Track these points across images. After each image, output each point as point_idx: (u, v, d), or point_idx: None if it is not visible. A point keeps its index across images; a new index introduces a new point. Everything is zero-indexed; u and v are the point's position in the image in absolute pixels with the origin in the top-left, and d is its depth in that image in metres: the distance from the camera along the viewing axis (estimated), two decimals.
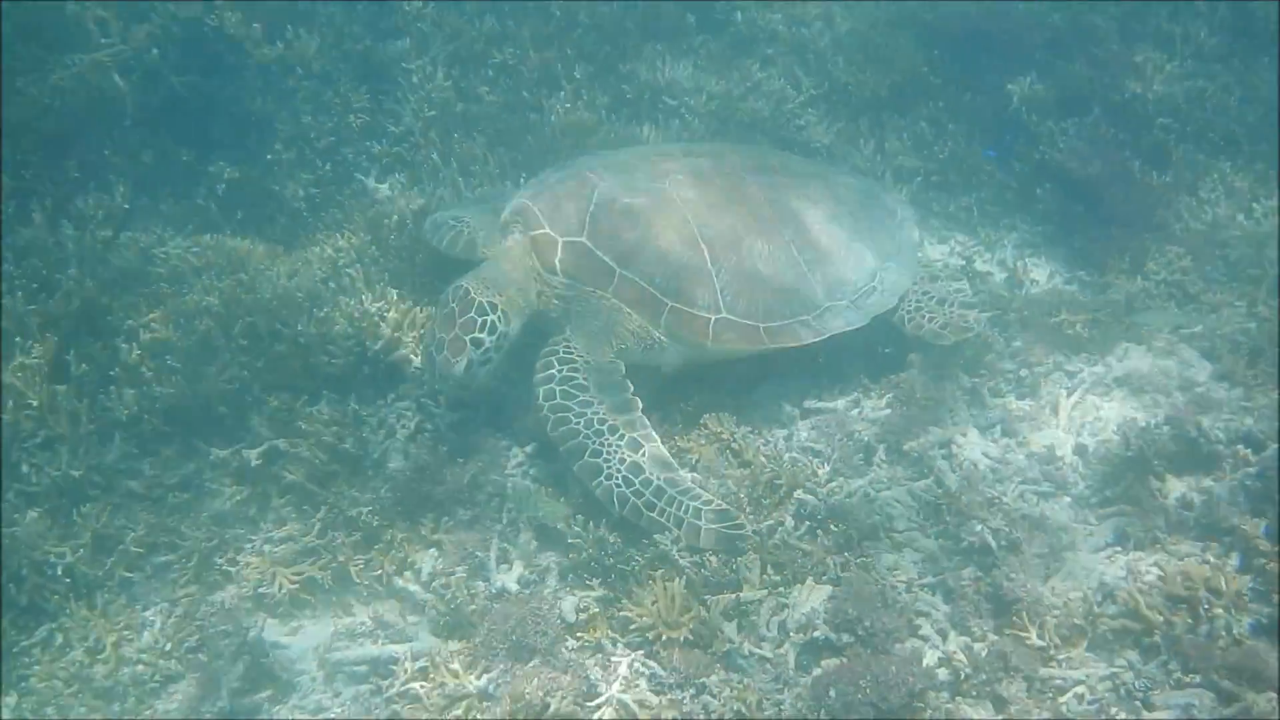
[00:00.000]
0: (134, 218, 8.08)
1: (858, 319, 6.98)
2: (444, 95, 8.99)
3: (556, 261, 6.63)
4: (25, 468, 6.56)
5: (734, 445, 6.64)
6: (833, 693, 5.02)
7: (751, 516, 6.16)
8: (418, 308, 7.24)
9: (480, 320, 6.37)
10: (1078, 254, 8.59)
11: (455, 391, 6.72)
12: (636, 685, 5.37)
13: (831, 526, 6.04)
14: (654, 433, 6.29)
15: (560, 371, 6.38)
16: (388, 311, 7.11)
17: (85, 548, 6.26)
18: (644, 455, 6.13)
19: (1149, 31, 9.71)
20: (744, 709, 5.16)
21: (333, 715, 5.70)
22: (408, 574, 6.29)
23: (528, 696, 5.20)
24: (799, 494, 6.25)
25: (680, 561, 5.89)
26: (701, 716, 5.23)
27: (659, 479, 6.04)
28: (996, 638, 5.42)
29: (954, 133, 9.27)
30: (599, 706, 5.25)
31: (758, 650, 5.56)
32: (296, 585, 6.22)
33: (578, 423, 6.19)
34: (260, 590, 6.23)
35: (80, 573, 6.25)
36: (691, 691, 5.35)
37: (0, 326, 6.77)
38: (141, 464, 6.80)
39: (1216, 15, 9.65)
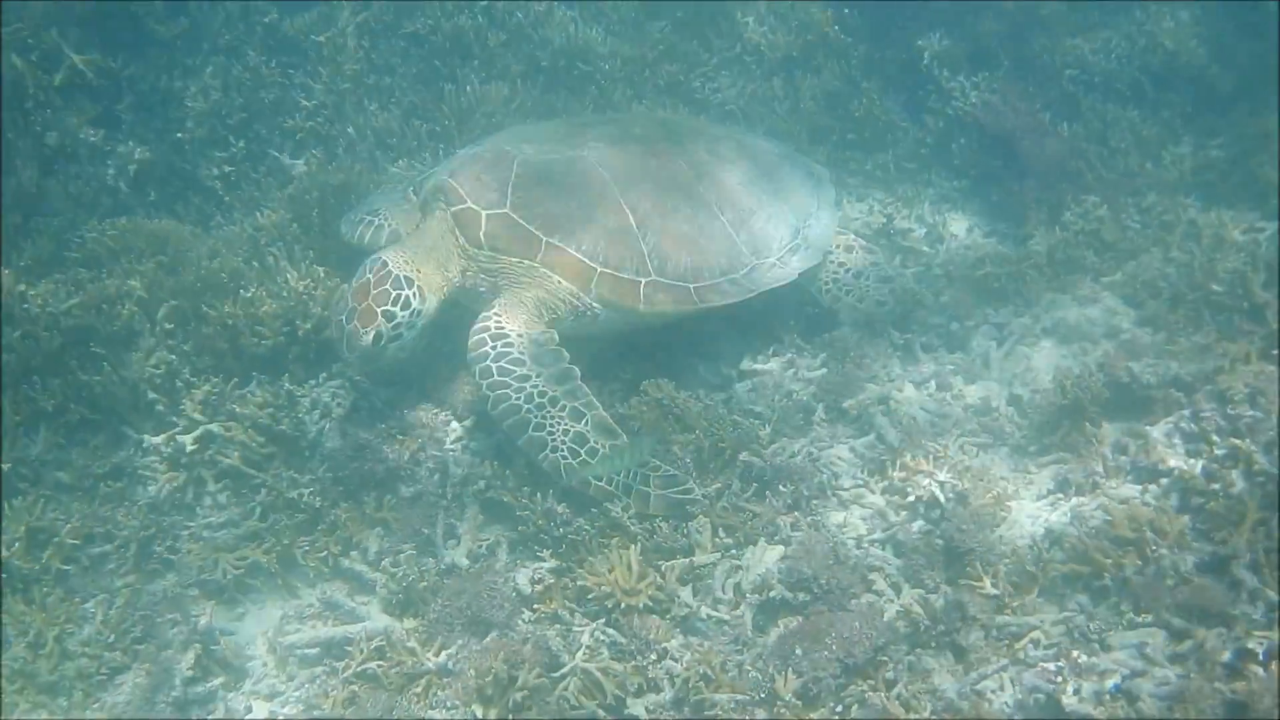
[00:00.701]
0: (42, 201, 7.84)
1: (785, 275, 7.02)
2: (356, 67, 8.82)
3: (481, 235, 6.54)
4: None
5: (675, 410, 6.63)
6: (799, 650, 5.06)
7: (698, 481, 6.18)
8: (345, 284, 7.05)
9: (395, 294, 6.27)
10: (995, 207, 8.72)
11: (362, 365, 6.56)
12: (599, 654, 5.37)
13: (780, 487, 6.08)
14: (595, 400, 6.23)
15: (495, 348, 6.28)
16: (315, 290, 6.98)
17: (20, 541, 6.08)
18: (586, 424, 6.09)
19: None
20: (708, 671, 5.18)
21: (289, 699, 5.62)
22: (354, 554, 6.24)
23: (494, 670, 5.18)
24: (744, 456, 6.28)
25: (632, 528, 5.90)
26: (666, 681, 5.25)
27: (604, 448, 6.01)
28: (950, 589, 5.50)
29: (868, 90, 9.32)
30: (564, 677, 5.24)
31: (714, 613, 5.58)
32: (241, 570, 6.12)
33: (518, 398, 6.11)
34: (203, 577, 6.12)
35: (15, 567, 6.09)
36: (653, 657, 5.35)
37: None
38: (69, 454, 6.63)
39: None
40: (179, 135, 8.39)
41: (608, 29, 9.45)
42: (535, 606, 5.78)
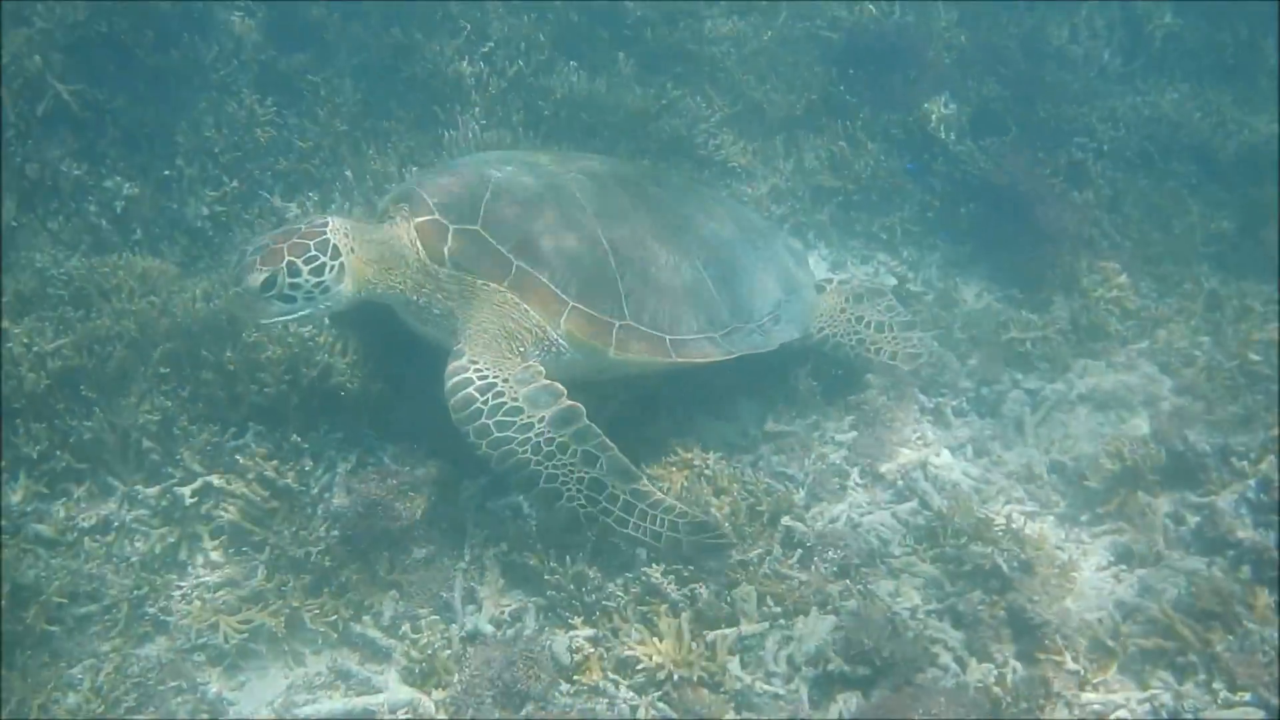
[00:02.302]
0: (19, 236, 7.38)
1: (765, 343, 6.55)
2: (355, 109, 8.48)
3: (445, 251, 5.92)
4: None
5: (707, 472, 6.32)
6: None
7: (739, 548, 5.86)
8: (351, 331, 6.67)
9: (314, 254, 5.63)
10: (1004, 272, 8.62)
11: (238, 307, 5.87)
12: None
13: (829, 554, 5.78)
14: (607, 439, 5.64)
15: (486, 401, 5.62)
16: (319, 336, 6.56)
17: (2, 600, 5.55)
18: (602, 468, 5.59)
19: (1052, 52, 9.85)
20: None
21: None
22: (366, 619, 5.81)
23: None
24: (786, 521, 6.00)
25: (673, 594, 5.56)
26: None
27: (625, 492, 5.59)
28: (1019, 663, 5.22)
29: (874, 152, 9.18)
30: None
31: (769, 686, 5.25)
32: (245, 634, 5.65)
33: (524, 452, 5.54)
34: (200, 640, 5.64)
35: None
36: None
37: None
38: (51, 505, 6.10)
39: (1114, 37, 9.84)
40: (166, 172, 7.93)
41: (610, 80, 9.18)
42: (575, 678, 5.38)
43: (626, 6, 9.43)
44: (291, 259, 5.56)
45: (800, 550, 5.92)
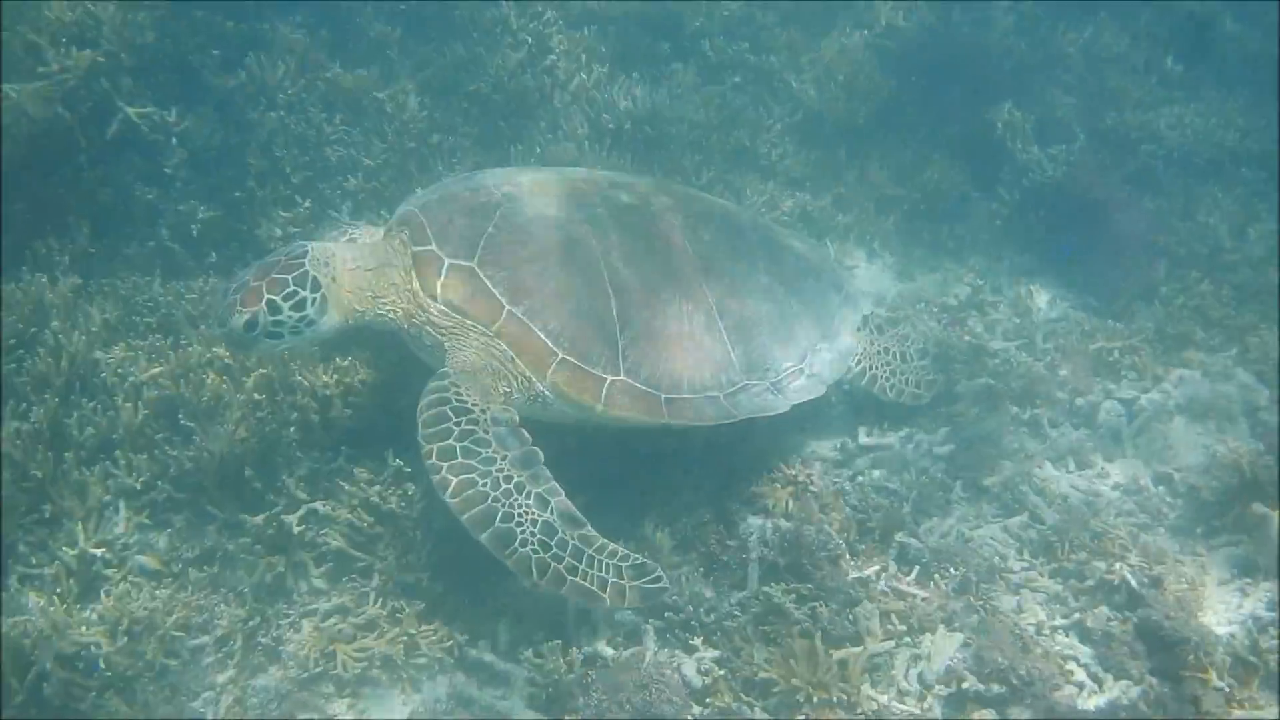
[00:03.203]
0: (95, 263, 7.28)
1: (775, 405, 6.11)
2: (421, 126, 8.40)
3: (438, 285, 5.69)
4: (23, 547, 5.76)
5: (812, 489, 6.26)
6: None
7: (853, 562, 5.82)
8: None
9: (293, 290, 5.42)
10: (1076, 280, 8.57)
11: (228, 344, 5.87)
12: None
13: (950, 570, 5.73)
14: (557, 485, 5.41)
15: (460, 424, 5.40)
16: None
17: (124, 634, 5.46)
18: (552, 513, 5.31)
19: (1113, 58, 9.83)
20: None
21: None
22: (482, 643, 5.72)
23: None
24: (900, 537, 5.96)
25: (794, 613, 5.51)
26: None
27: (573, 538, 5.28)
28: (1155, 680, 5.18)
29: (938, 161, 9.14)
30: None
31: (903, 706, 5.19)
32: (364, 663, 5.56)
33: (484, 484, 5.25)
34: (318, 670, 5.54)
35: (114, 663, 5.45)
36: None
37: None
38: (153, 536, 6.01)
39: (1175, 45, 9.83)
40: (237, 194, 7.83)
41: (671, 93, 9.13)
42: (708, 700, 5.31)
43: (684, 18, 9.36)
44: (270, 297, 5.38)
45: (917, 567, 5.86)
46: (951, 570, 5.77)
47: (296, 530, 5.93)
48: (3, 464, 5.80)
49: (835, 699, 5.09)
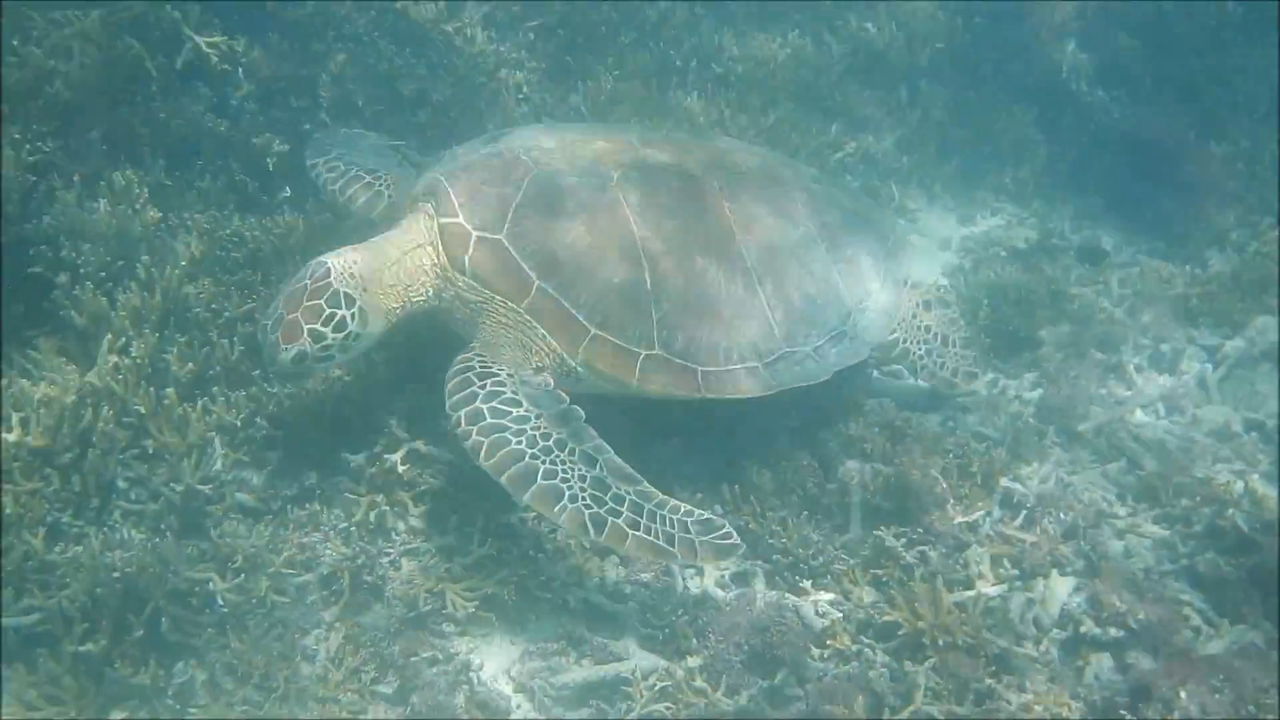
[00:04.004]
0: (168, 196, 7.14)
1: (817, 372, 5.90)
2: (489, 61, 8.26)
3: (466, 259, 5.51)
4: (122, 483, 5.69)
5: (910, 433, 6.26)
6: (1183, 694, 4.70)
7: (958, 507, 5.83)
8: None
9: (329, 313, 5.25)
10: (1142, 225, 8.60)
11: (282, 380, 5.77)
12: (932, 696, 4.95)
13: (1061, 515, 5.76)
14: (604, 443, 5.24)
15: (484, 387, 5.26)
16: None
17: (236, 571, 5.42)
18: (601, 469, 5.11)
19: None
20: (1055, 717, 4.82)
21: None
22: (590, 583, 5.71)
23: (827, 710, 4.76)
24: (1005, 482, 5.97)
25: (907, 557, 5.53)
26: None
27: (630, 493, 5.07)
28: (1270, 625, 5.23)
29: (1002, 104, 9.10)
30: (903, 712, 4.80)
31: (1021, 650, 5.21)
32: (475, 603, 5.54)
33: (519, 442, 5.05)
34: (425, 609, 5.51)
35: (228, 599, 5.42)
36: (989, 701, 4.96)
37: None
38: (248, 474, 5.94)
39: None
40: (306, 127, 7.69)
41: (735, 31, 9.02)
42: (827, 643, 5.32)
43: None
44: (310, 327, 5.22)
45: (1024, 511, 5.88)
46: (1059, 515, 5.76)
47: (401, 469, 5.88)
48: (98, 400, 5.72)
49: (960, 642, 5.10)
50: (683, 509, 5.10)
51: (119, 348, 5.88)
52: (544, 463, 5.01)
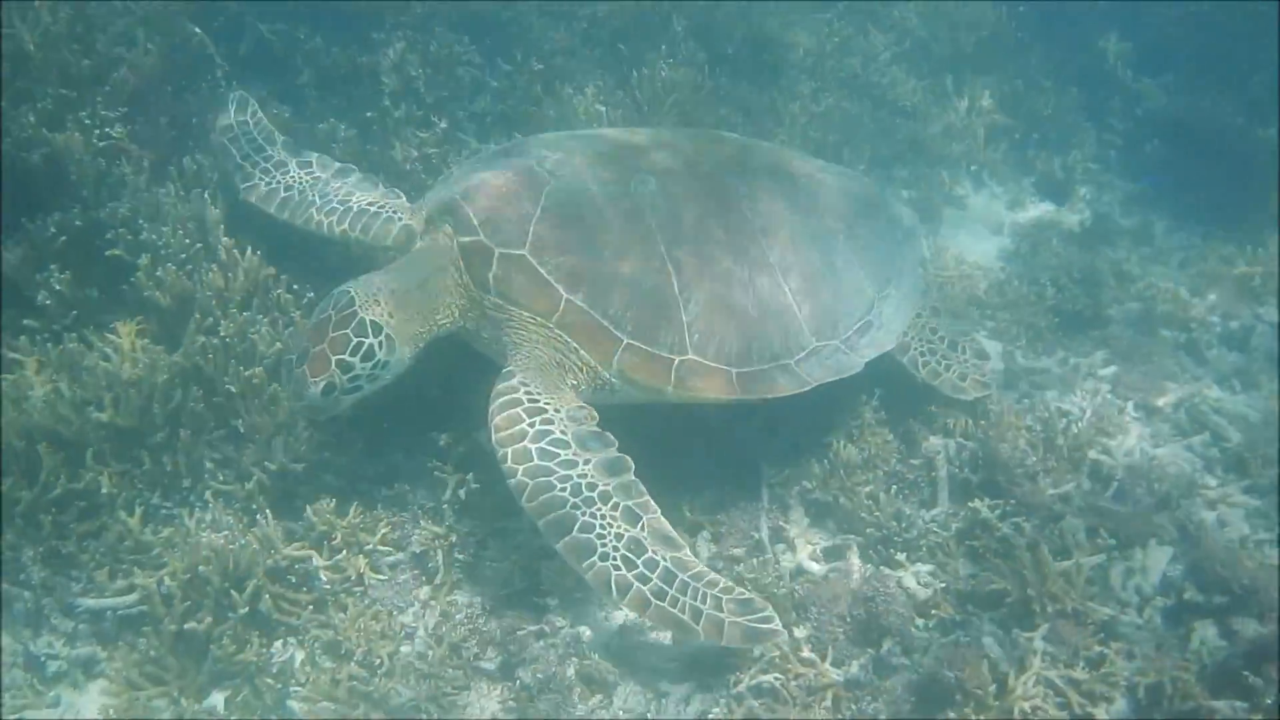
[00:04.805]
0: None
1: (849, 364, 5.75)
2: (544, 48, 8.26)
3: (490, 278, 5.38)
4: (209, 464, 5.67)
5: (994, 408, 6.29)
6: None
7: (1049, 481, 5.86)
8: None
9: (356, 342, 5.10)
10: (1193, 209, 8.65)
11: (310, 414, 5.42)
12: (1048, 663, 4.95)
13: (1154, 485, 5.78)
14: (651, 501, 5.05)
15: (532, 426, 5.09)
16: None
17: (341, 549, 5.40)
18: (643, 529, 4.92)
19: None
20: (1168, 681, 4.83)
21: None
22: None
23: (946, 677, 4.75)
24: (1093, 454, 6.00)
25: (1001, 528, 5.54)
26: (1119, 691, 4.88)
27: (665, 559, 4.87)
28: None
29: (1050, 89, 9.15)
30: (1021, 685, 4.79)
31: (1126, 618, 5.23)
32: (570, 580, 5.51)
33: (563, 489, 4.91)
34: (519, 586, 5.49)
35: (325, 578, 5.41)
36: (1103, 667, 4.98)
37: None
38: (332, 455, 5.90)
39: None
40: (368, 114, 7.67)
41: (784, 22, 9.05)
42: (932, 612, 5.33)
43: None
44: (338, 358, 5.07)
45: (1114, 483, 5.90)
46: (1157, 485, 5.79)
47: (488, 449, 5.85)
48: (186, 379, 5.73)
49: (1069, 609, 5.11)
50: (720, 584, 4.86)
51: (206, 328, 5.84)
52: (583, 514, 4.88)
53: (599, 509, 4.89)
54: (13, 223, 6.36)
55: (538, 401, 5.17)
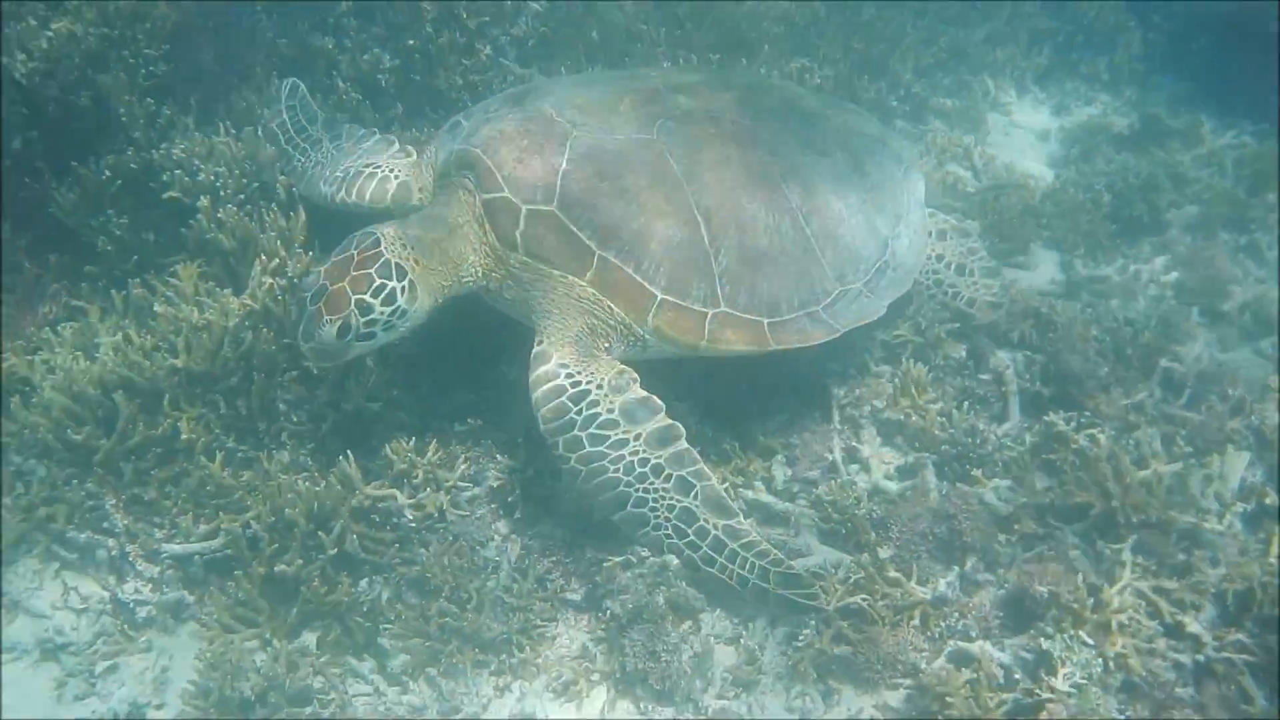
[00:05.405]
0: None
1: (873, 308, 5.63)
2: None
3: (517, 235, 5.17)
4: (282, 405, 5.67)
5: (1057, 320, 6.26)
6: None
7: (1120, 391, 5.85)
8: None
9: (380, 284, 4.92)
10: (1239, 109, 8.53)
11: (317, 358, 5.11)
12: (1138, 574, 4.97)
13: (1229, 390, 5.77)
14: (705, 468, 5.08)
15: (581, 411, 5.03)
16: None
17: (423, 487, 5.41)
18: (696, 498, 4.99)
19: None
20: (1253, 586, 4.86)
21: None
22: (758, 484, 5.71)
23: (1034, 593, 4.78)
24: (1164, 362, 5.98)
25: (1077, 440, 5.54)
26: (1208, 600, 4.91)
27: (716, 528, 4.98)
28: None
29: None
30: (1115, 596, 4.81)
31: (1208, 525, 5.24)
32: None
33: (616, 470, 4.96)
34: (595, 519, 5.46)
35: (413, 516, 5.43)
36: (1190, 575, 5.00)
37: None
38: (399, 393, 5.87)
39: None
40: (410, 42, 7.54)
41: None
42: (1014, 527, 5.34)
43: None
44: (358, 297, 4.88)
45: (1187, 390, 5.90)
46: (1231, 390, 5.78)
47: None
48: (254, 321, 5.70)
49: (1153, 519, 5.12)
50: (771, 555, 4.97)
51: (272, 269, 5.81)
52: (636, 490, 4.97)
53: (651, 483, 4.97)
54: (63, 166, 6.32)
55: (580, 384, 5.09)
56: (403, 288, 4.99)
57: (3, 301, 6.07)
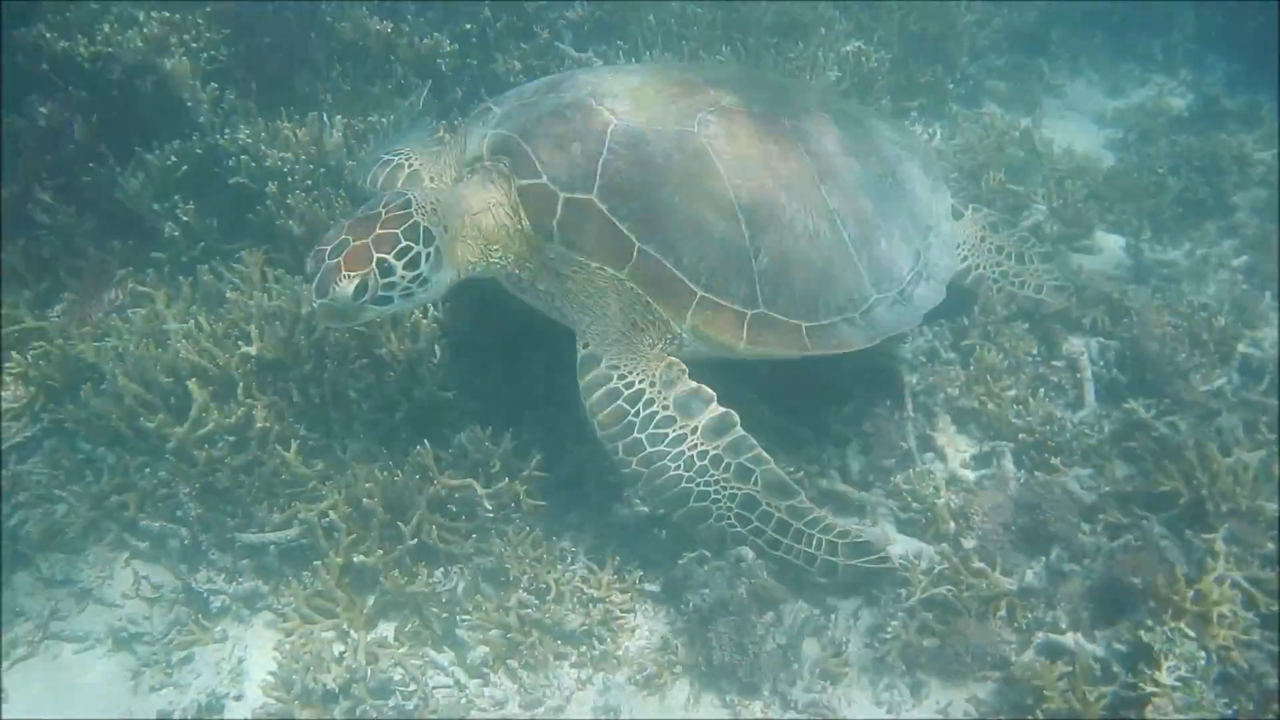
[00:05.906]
0: (341, 101, 7.01)
1: (909, 316, 5.51)
2: None
3: (555, 224, 4.93)
4: (352, 393, 5.62)
5: (1130, 304, 6.21)
6: None
7: (1199, 377, 5.79)
8: None
9: (405, 245, 4.64)
10: None
11: (325, 317, 4.76)
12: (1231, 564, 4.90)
13: None
14: (763, 452, 4.93)
15: (638, 414, 4.89)
16: None
17: (500, 475, 5.36)
18: (756, 484, 4.89)
19: None
20: None
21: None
22: (832, 473, 5.66)
23: (1128, 583, 4.74)
24: (1242, 348, 5.93)
25: (1159, 428, 5.49)
26: None
27: (779, 510, 4.91)
28: None
29: None
30: (1215, 586, 4.73)
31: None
32: None
33: (677, 468, 4.85)
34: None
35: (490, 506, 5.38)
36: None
37: None
38: (470, 380, 5.83)
39: None
40: (467, 26, 7.48)
41: None
42: (1099, 517, 5.29)
43: None
44: (380, 256, 4.58)
45: (1266, 376, 5.85)
46: None
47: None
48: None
49: (1243, 508, 5.06)
50: (837, 528, 4.95)
51: None
52: (697, 485, 4.88)
53: (711, 474, 4.88)
54: (127, 152, 6.28)
55: (633, 385, 4.94)
56: (428, 254, 4.73)
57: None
